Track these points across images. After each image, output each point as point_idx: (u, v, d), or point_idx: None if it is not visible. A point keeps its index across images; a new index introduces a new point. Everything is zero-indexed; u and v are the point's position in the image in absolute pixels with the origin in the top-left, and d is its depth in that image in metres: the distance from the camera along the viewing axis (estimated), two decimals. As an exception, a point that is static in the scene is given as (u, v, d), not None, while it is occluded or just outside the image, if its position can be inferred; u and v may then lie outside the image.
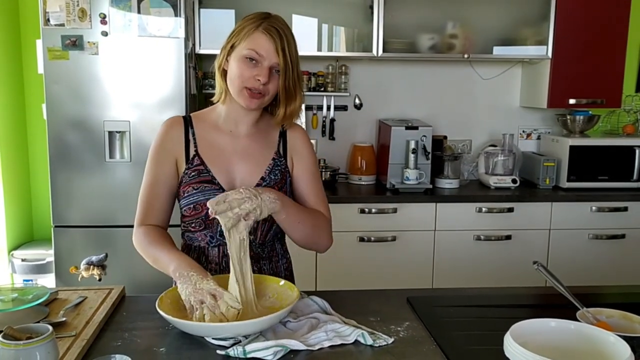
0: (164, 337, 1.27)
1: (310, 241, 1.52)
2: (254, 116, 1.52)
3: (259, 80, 1.41)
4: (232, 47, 1.43)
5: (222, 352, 1.19)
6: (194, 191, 1.47)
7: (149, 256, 1.45)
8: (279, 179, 1.53)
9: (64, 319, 1.31)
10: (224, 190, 1.47)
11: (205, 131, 1.53)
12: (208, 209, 1.46)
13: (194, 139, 1.52)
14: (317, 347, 1.21)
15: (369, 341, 1.24)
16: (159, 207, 1.51)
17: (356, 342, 1.25)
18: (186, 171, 1.49)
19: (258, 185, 1.50)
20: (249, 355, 1.17)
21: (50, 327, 1.04)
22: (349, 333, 1.26)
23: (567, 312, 1.26)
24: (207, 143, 1.52)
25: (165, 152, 1.51)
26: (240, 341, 1.22)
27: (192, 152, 1.50)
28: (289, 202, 1.44)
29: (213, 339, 1.23)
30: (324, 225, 1.54)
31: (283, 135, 1.58)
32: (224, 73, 1.47)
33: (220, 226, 1.48)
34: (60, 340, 1.18)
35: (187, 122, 1.54)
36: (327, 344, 1.23)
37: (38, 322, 1.27)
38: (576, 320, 1.20)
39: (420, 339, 1.28)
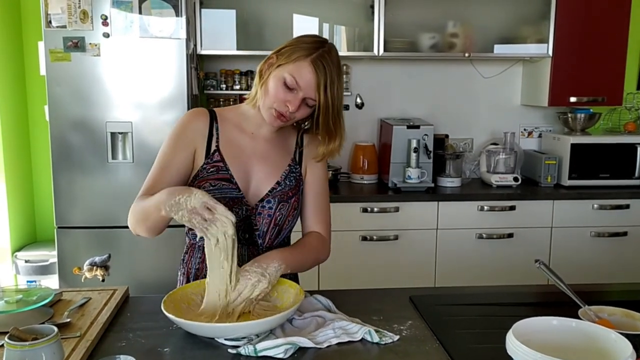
0: (169, 338, 1.28)
1: (310, 268, 1.56)
2: None
3: (288, 107, 1.41)
4: (279, 66, 1.41)
5: (233, 351, 1.19)
6: (212, 188, 1.45)
7: (137, 214, 1.39)
8: (293, 185, 1.53)
9: (68, 319, 1.32)
10: (240, 190, 1.47)
11: (228, 129, 1.53)
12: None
13: (217, 134, 1.51)
14: (325, 345, 1.22)
15: (375, 339, 1.25)
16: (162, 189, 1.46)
17: (363, 340, 1.26)
18: (204, 165, 1.48)
19: (273, 189, 1.50)
20: (259, 354, 1.18)
21: (56, 328, 1.05)
22: (356, 330, 1.27)
23: (569, 310, 1.26)
24: (229, 141, 1.51)
25: (186, 140, 1.49)
26: (252, 339, 1.23)
27: (213, 147, 1.49)
28: (290, 258, 1.42)
29: (225, 339, 1.24)
30: (322, 250, 1.56)
31: (299, 142, 1.58)
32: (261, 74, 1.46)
33: None
34: (65, 341, 1.19)
35: (213, 116, 1.53)
36: (334, 341, 1.23)
37: (43, 323, 1.28)
38: (578, 318, 1.20)
39: (423, 337, 1.29)
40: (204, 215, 1.24)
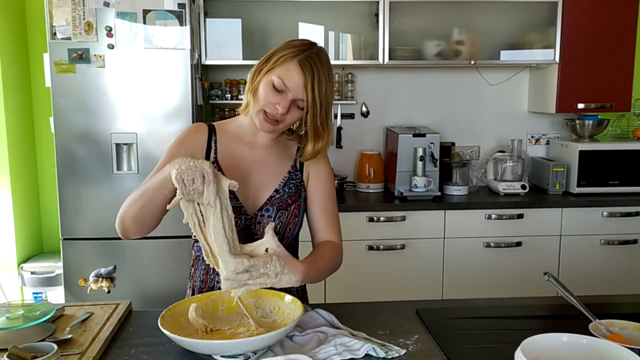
0: (171, 354, 1.26)
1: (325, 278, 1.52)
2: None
3: (277, 108, 1.41)
4: (268, 71, 1.42)
5: None
6: None
7: (135, 201, 1.36)
8: (292, 192, 1.53)
9: (69, 335, 1.30)
10: (237, 200, 1.46)
11: (226, 140, 1.54)
12: None
13: (215, 146, 1.53)
14: None
15: (381, 354, 1.23)
16: None
17: (367, 355, 1.23)
18: None
19: (271, 197, 1.50)
20: None
21: (55, 346, 1.04)
22: (359, 347, 1.24)
23: (579, 323, 1.24)
24: (227, 152, 1.52)
25: (185, 149, 1.49)
26: (249, 357, 1.21)
27: (211, 159, 1.50)
28: (308, 270, 1.36)
29: (222, 356, 1.22)
30: (337, 258, 1.54)
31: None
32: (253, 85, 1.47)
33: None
34: (65, 358, 1.17)
35: (211, 129, 1.55)
36: (336, 358, 1.21)
37: (44, 339, 1.27)
38: (588, 332, 1.18)
39: (430, 352, 1.27)
40: (197, 179, 1.21)
